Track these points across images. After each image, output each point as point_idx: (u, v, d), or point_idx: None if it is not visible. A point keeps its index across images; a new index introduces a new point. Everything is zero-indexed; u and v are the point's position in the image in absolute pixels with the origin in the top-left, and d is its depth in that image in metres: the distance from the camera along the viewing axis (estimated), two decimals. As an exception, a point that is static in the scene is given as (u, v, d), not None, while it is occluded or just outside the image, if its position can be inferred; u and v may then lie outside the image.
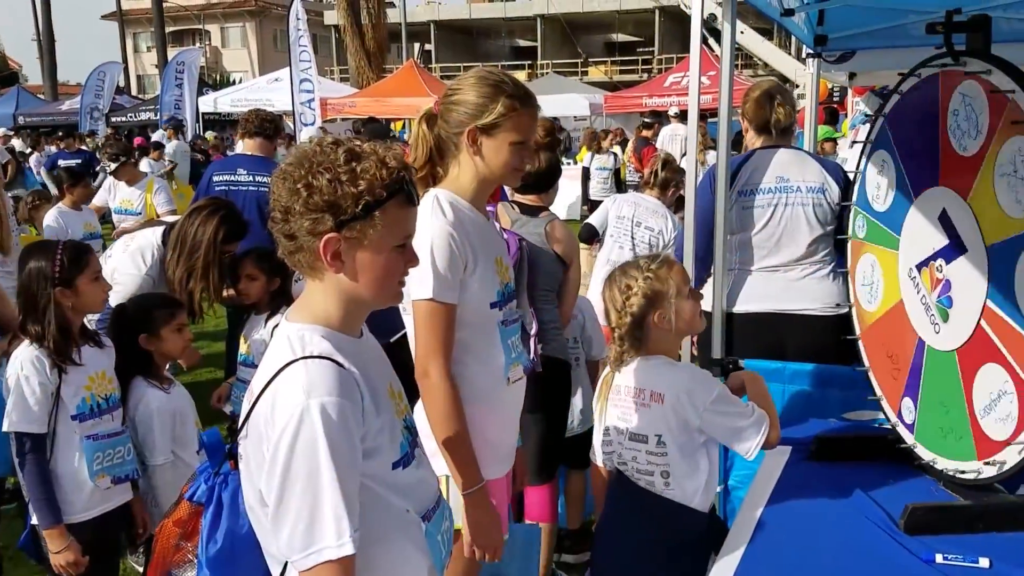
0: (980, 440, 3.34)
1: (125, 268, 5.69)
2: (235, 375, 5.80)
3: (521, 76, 48.88)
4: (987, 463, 3.30)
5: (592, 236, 7.90)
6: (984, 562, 3.00)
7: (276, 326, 2.66)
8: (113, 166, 10.90)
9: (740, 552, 3.22)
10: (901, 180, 3.84)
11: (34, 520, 4.09)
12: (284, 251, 2.42)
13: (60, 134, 23.76)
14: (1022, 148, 3.10)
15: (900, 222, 3.84)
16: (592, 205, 16.91)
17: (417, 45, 64.77)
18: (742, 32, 7.69)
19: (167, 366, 4.77)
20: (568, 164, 20.97)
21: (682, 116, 18.80)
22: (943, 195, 3.53)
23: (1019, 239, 3.11)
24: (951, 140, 3.47)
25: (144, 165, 16.77)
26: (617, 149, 20.93)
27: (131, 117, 36.21)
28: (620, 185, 19.14)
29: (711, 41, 6.16)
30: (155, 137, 24.40)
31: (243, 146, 8.52)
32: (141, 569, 5.14)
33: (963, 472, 3.38)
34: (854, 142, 13.71)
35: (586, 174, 19.76)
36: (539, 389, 5.01)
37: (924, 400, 3.70)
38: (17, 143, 27.81)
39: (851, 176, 4.31)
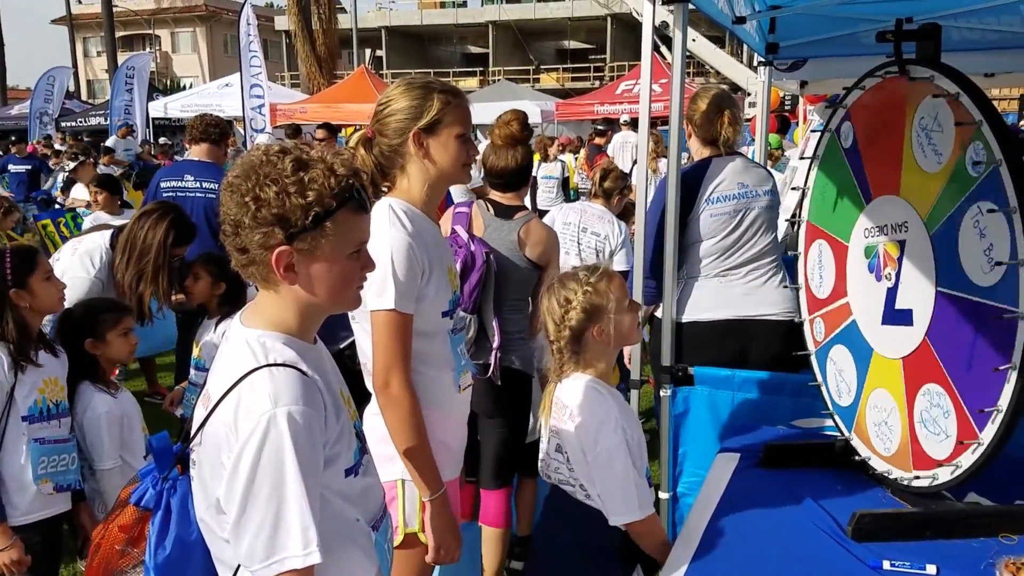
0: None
1: (74, 271, 5.64)
2: (187, 379, 5.75)
3: (473, 83, 49.16)
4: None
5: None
6: (931, 569, 3.01)
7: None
8: (72, 165, 10.89)
9: (687, 560, 3.22)
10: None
11: None
12: (237, 264, 2.38)
13: (13, 139, 23.51)
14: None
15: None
16: (541, 214, 16.83)
17: (368, 51, 64.35)
18: (694, 40, 7.74)
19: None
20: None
21: (633, 124, 18.82)
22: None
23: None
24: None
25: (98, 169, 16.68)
26: (567, 157, 20.88)
27: (81, 122, 35.86)
28: (569, 194, 19.10)
29: (663, 49, 6.17)
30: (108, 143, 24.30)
31: (190, 152, 8.49)
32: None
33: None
34: (802, 156, 13.82)
35: (533, 183, 19.68)
36: (499, 396, 5.01)
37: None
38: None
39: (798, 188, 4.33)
